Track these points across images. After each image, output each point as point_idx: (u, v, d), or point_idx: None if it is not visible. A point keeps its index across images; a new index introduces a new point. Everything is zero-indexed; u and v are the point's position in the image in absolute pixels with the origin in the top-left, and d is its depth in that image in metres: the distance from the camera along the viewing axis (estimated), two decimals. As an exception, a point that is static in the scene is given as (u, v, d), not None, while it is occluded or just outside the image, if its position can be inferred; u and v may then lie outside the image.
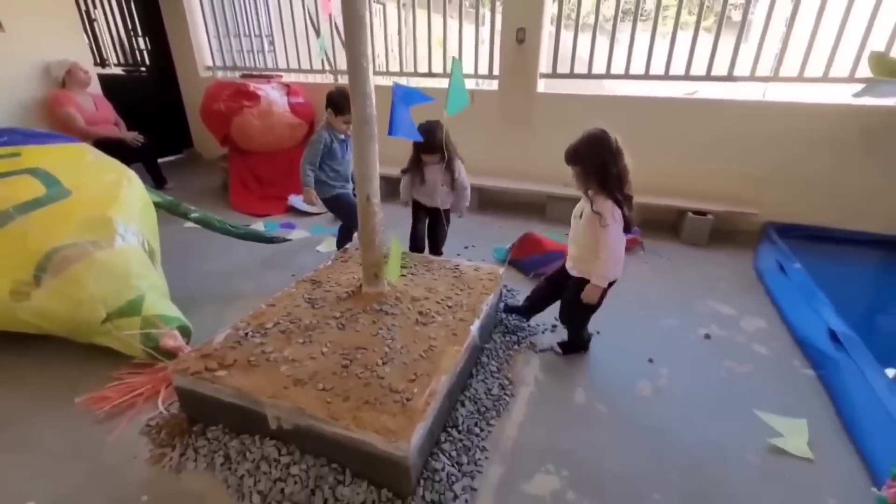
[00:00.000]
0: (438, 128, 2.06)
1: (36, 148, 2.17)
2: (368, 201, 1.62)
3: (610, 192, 1.56)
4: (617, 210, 1.56)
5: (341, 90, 2.21)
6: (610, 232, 1.57)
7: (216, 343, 1.52)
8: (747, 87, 3.59)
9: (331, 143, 2.33)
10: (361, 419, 1.21)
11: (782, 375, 1.81)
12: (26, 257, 1.71)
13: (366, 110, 1.50)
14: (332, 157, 2.38)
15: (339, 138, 2.37)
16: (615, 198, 1.56)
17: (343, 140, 2.40)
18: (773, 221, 3.10)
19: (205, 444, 1.39)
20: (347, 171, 2.46)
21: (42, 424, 1.52)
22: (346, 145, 2.43)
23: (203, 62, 4.92)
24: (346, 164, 2.45)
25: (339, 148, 2.38)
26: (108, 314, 1.72)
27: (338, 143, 2.37)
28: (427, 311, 1.70)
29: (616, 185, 1.55)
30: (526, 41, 3.37)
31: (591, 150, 1.54)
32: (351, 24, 1.40)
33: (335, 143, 2.35)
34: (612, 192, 1.56)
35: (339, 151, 2.39)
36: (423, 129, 2.24)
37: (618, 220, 1.57)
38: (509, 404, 1.63)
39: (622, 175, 1.55)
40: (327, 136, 2.31)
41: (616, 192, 1.56)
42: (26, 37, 3.61)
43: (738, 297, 2.40)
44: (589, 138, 1.55)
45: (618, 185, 1.56)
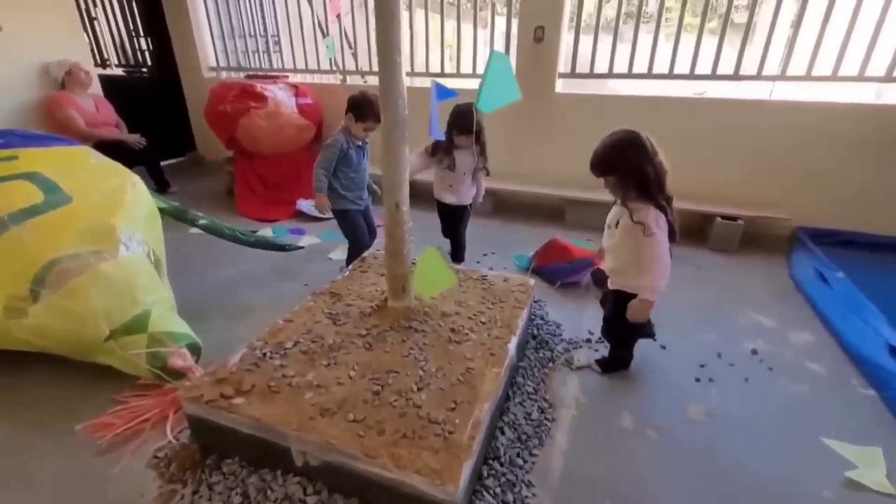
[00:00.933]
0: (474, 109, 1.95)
1: (34, 151, 2.03)
2: (397, 208, 1.49)
3: (653, 198, 1.42)
4: (661, 216, 1.44)
5: (366, 95, 2.08)
6: (656, 241, 1.44)
7: (231, 365, 1.37)
8: (771, 87, 3.47)
9: (347, 149, 2.18)
10: (400, 457, 1.07)
11: (842, 396, 1.68)
12: (22, 270, 1.57)
13: (398, 111, 1.36)
14: (346, 163, 2.21)
15: (356, 144, 2.22)
16: (658, 203, 1.42)
17: (360, 146, 2.25)
18: (805, 226, 2.97)
19: (220, 480, 1.25)
20: (363, 180, 2.31)
21: (40, 455, 1.37)
22: (363, 152, 2.27)
23: (206, 63, 4.79)
24: (363, 171, 2.29)
25: (355, 154, 2.22)
26: (112, 331, 1.58)
27: (354, 149, 2.21)
28: (459, 327, 1.56)
29: (657, 189, 1.42)
30: (545, 40, 3.24)
31: (624, 157, 1.41)
32: (383, 16, 1.27)
33: (351, 149, 2.20)
34: (654, 197, 1.42)
35: (354, 158, 2.22)
36: (461, 110, 2.18)
37: (662, 227, 1.44)
38: (551, 430, 1.49)
39: (661, 176, 1.42)
40: (344, 141, 2.16)
41: (658, 197, 1.42)
42: (24, 36, 3.48)
43: (778, 308, 2.26)
44: (619, 143, 1.42)
45: (659, 189, 1.42)
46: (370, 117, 2.07)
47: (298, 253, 2.71)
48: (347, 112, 2.13)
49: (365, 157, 2.29)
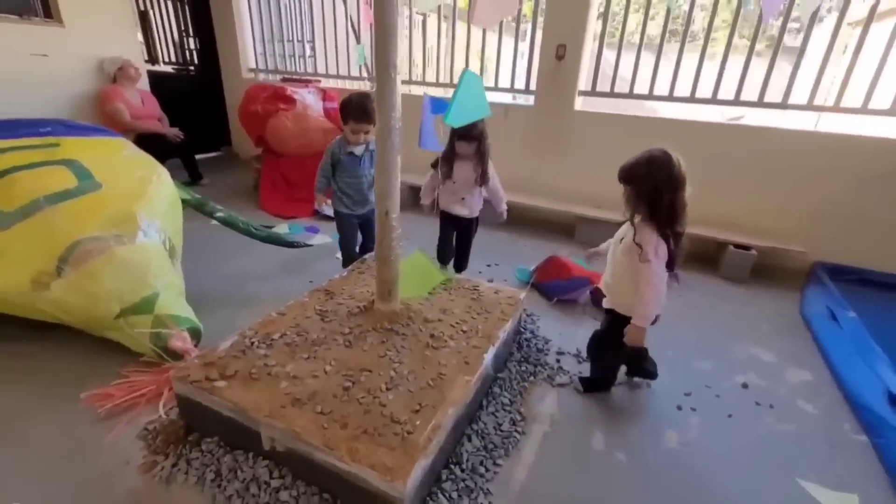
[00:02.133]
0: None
1: (75, 140, 2.23)
2: (387, 216, 1.56)
3: (658, 224, 1.40)
4: (662, 245, 1.41)
5: (353, 95, 2.09)
6: (651, 268, 1.42)
7: (220, 350, 1.47)
8: (798, 116, 3.37)
9: (339, 155, 2.17)
10: (357, 451, 1.13)
11: (830, 440, 1.62)
12: (51, 248, 1.73)
13: (391, 121, 1.44)
14: (341, 169, 2.20)
15: (347, 150, 2.16)
16: (663, 231, 1.40)
17: (352, 153, 2.17)
18: (824, 262, 2.86)
19: (198, 457, 1.34)
20: (359, 187, 2.24)
21: (44, 421, 1.51)
22: (360, 161, 2.20)
23: (247, 64, 5.06)
24: (360, 179, 2.23)
25: (348, 161, 2.18)
26: (122, 310, 1.72)
27: (346, 155, 2.17)
28: (440, 334, 1.61)
29: (666, 218, 1.39)
30: (566, 58, 3.27)
31: (647, 172, 1.38)
32: (382, 33, 1.35)
33: (342, 155, 2.17)
34: (660, 224, 1.40)
35: (348, 165, 2.19)
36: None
37: (661, 256, 1.42)
38: (520, 443, 1.51)
39: (677, 208, 1.39)
40: (336, 146, 2.17)
41: (665, 226, 1.40)
42: (84, 32, 3.80)
43: (780, 343, 2.20)
44: (649, 158, 1.39)
45: (668, 218, 1.39)
46: (350, 117, 2.07)
47: (308, 250, 2.83)
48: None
49: (363, 165, 2.22)
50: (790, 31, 3.89)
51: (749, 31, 3.00)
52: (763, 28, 3.26)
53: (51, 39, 3.65)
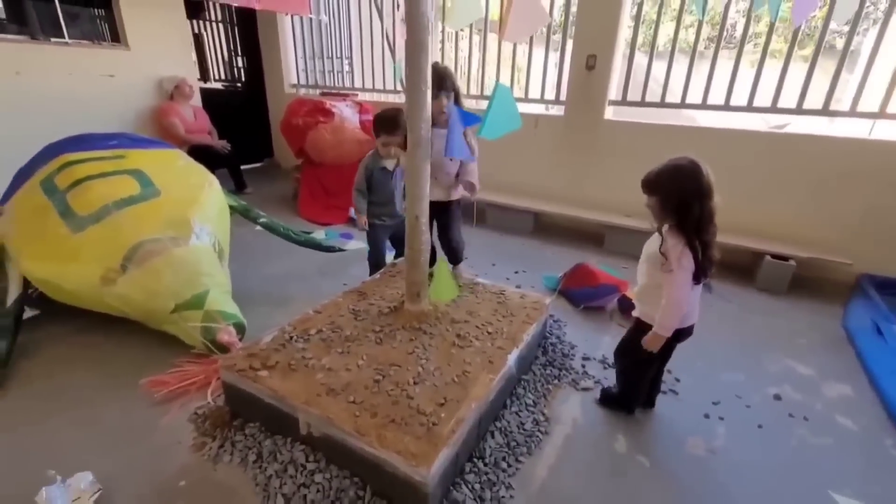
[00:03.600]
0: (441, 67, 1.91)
1: (138, 152, 2.45)
2: (417, 220, 1.65)
3: (686, 234, 1.36)
4: (688, 255, 1.36)
5: (385, 110, 2.12)
6: (674, 279, 1.38)
7: (263, 343, 1.60)
8: (849, 123, 3.25)
9: (371, 169, 2.19)
10: (385, 438, 1.21)
11: (869, 456, 1.56)
12: (118, 248, 1.93)
13: (421, 133, 1.54)
14: (373, 182, 2.21)
15: (380, 166, 2.18)
16: (691, 242, 1.36)
17: (384, 168, 2.19)
18: (871, 274, 2.73)
19: (241, 440, 1.46)
20: (390, 200, 2.26)
21: (109, 402, 1.68)
22: (391, 176, 2.22)
23: (289, 80, 5.36)
24: (390, 193, 2.24)
25: (380, 177, 2.20)
26: (177, 305, 1.89)
27: (378, 171, 2.18)
28: (465, 334, 1.68)
29: (694, 228, 1.35)
30: (596, 68, 3.30)
31: (674, 183, 1.36)
32: (412, 50, 1.45)
33: (375, 171, 2.18)
34: (688, 234, 1.36)
35: (381, 179, 2.20)
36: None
37: (686, 267, 1.37)
38: (542, 442, 1.55)
39: (706, 217, 1.35)
40: (369, 161, 2.19)
41: (693, 236, 1.36)
42: (146, 55, 4.16)
43: (820, 357, 2.12)
44: (675, 169, 1.36)
45: (697, 228, 1.35)
46: (381, 131, 2.10)
47: (342, 255, 2.97)
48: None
49: (395, 179, 2.24)
50: (835, 33, 3.75)
51: (792, 35, 2.93)
52: (806, 32, 3.18)
53: (117, 61, 4.02)
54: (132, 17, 4.03)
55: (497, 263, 3.04)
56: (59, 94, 3.66)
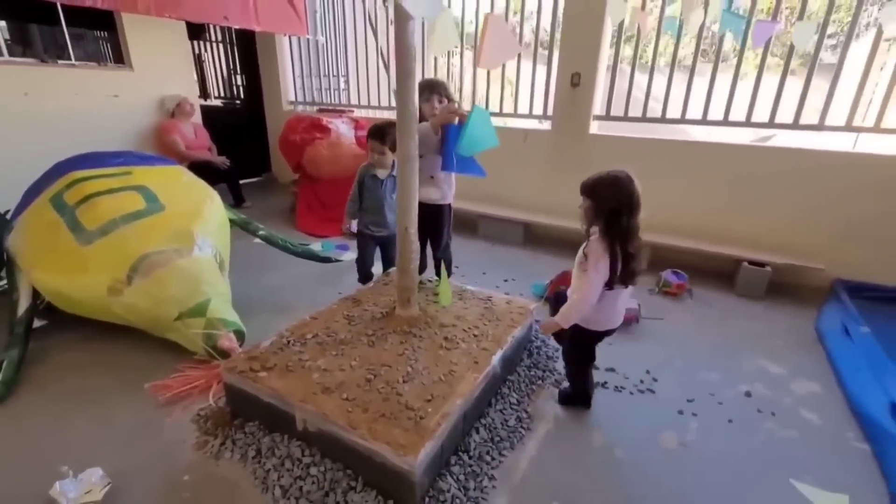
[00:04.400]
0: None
1: (143, 168, 2.58)
2: (406, 231, 1.77)
3: (610, 242, 1.46)
4: (605, 261, 1.46)
5: (378, 122, 2.28)
6: (588, 278, 1.49)
7: (262, 347, 1.71)
8: (826, 136, 3.41)
9: (363, 176, 2.34)
10: (376, 430, 1.31)
11: (831, 447, 1.67)
12: (124, 259, 2.04)
13: (410, 150, 1.67)
14: (366, 191, 2.35)
15: (371, 173, 2.32)
16: (612, 248, 1.46)
17: (375, 176, 2.32)
18: (844, 279, 2.86)
19: (242, 438, 1.56)
20: (378, 209, 2.36)
21: (118, 404, 1.78)
22: (380, 185, 2.33)
23: (287, 97, 5.53)
24: (379, 201, 2.34)
25: (371, 183, 2.33)
26: (180, 313, 1.99)
27: (369, 178, 2.32)
28: (453, 337, 1.79)
29: (620, 237, 1.46)
30: (581, 85, 3.47)
31: (609, 191, 1.45)
32: (401, 76, 1.59)
33: (366, 177, 2.33)
34: (612, 241, 1.46)
35: (371, 187, 2.33)
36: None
37: (600, 270, 1.47)
38: (524, 438, 1.65)
39: (632, 230, 1.46)
40: (363, 169, 2.35)
41: (616, 243, 1.46)
42: (149, 75, 4.33)
43: (791, 357, 2.24)
44: (613, 178, 1.46)
45: (621, 237, 1.46)
46: (368, 137, 2.27)
47: (338, 265, 3.09)
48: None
49: (384, 189, 2.33)
50: (827, 48, 3.94)
51: (780, 51, 3.10)
52: (782, 45, 3.36)
53: (122, 82, 4.18)
54: (135, 38, 4.19)
55: (488, 272, 3.16)
56: (65, 113, 3.80)
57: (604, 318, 1.63)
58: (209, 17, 3.78)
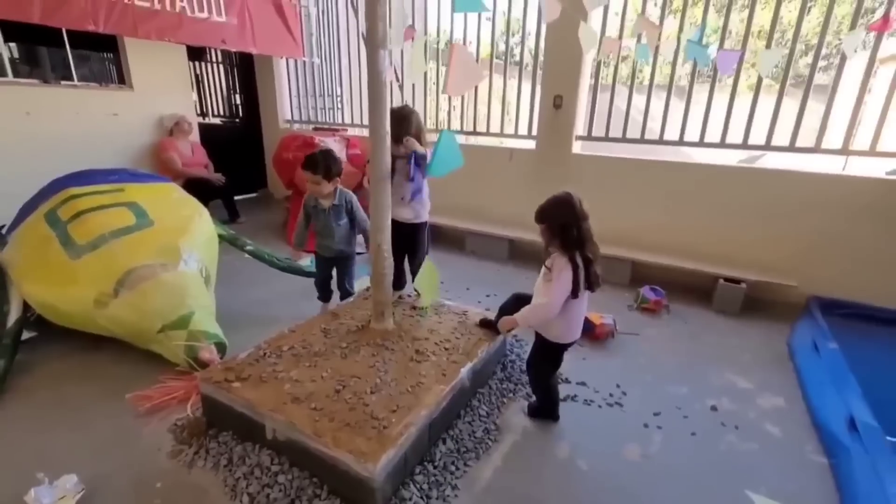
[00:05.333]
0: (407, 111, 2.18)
1: (136, 186, 2.68)
2: (379, 248, 1.85)
3: (570, 253, 1.60)
4: (567, 272, 1.58)
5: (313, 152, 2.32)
6: (550, 286, 1.61)
7: (239, 359, 1.77)
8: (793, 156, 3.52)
9: (309, 206, 2.39)
10: (339, 439, 1.37)
11: (789, 460, 1.71)
12: (112, 273, 2.11)
13: (382, 170, 1.76)
14: (314, 219, 2.41)
15: (313, 203, 2.37)
16: (573, 258, 1.59)
17: (317, 206, 2.35)
18: (819, 296, 2.92)
19: (215, 447, 1.61)
20: (329, 237, 2.41)
21: (99, 413, 1.83)
22: (325, 214, 2.36)
23: (283, 116, 5.68)
24: (330, 228, 2.38)
25: (314, 213, 2.38)
26: (163, 325, 2.06)
27: (312, 208, 2.37)
28: (424, 350, 1.85)
29: (576, 245, 1.60)
30: (563, 107, 3.59)
31: (555, 211, 1.63)
32: (373, 102, 1.70)
33: (310, 206, 2.38)
34: (572, 252, 1.60)
35: (316, 216, 2.39)
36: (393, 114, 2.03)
37: (563, 280, 1.58)
38: (491, 449, 1.69)
39: (584, 235, 1.61)
40: (308, 198, 2.40)
41: (574, 253, 1.59)
42: (149, 94, 4.48)
43: (760, 372, 2.29)
44: (555, 200, 1.64)
45: (577, 245, 1.60)
46: (303, 171, 2.30)
47: (325, 280, 3.16)
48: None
49: (328, 218, 2.38)
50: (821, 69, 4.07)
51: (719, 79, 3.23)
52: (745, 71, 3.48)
53: (122, 101, 4.33)
54: (137, 59, 4.35)
55: (471, 288, 3.23)
56: (66, 132, 3.93)
57: (566, 329, 1.71)
58: (208, 41, 3.94)
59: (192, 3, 3.66)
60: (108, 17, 3.19)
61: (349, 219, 2.44)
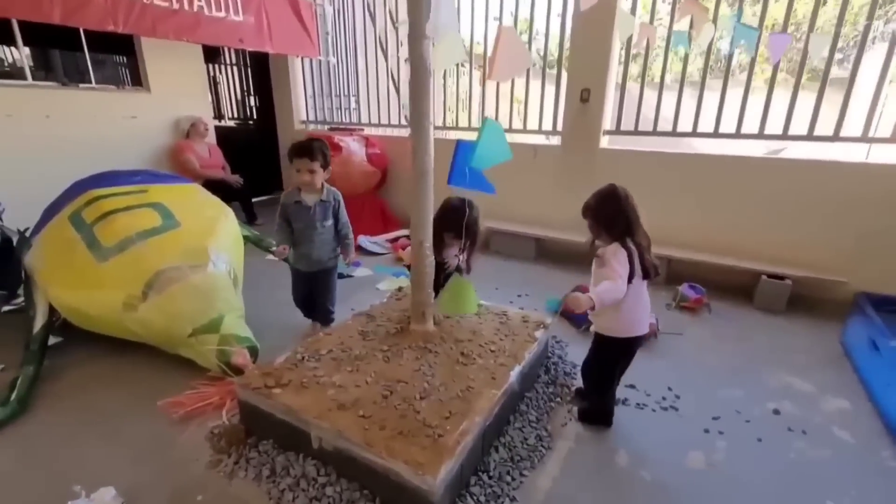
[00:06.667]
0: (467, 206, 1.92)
1: (159, 187, 2.61)
2: (421, 245, 1.76)
3: (617, 237, 1.57)
4: (621, 252, 1.54)
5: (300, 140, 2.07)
6: (611, 268, 1.53)
7: (276, 363, 1.68)
8: (841, 147, 3.38)
9: (285, 205, 2.10)
10: (393, 448, 1.28)
11: (867, 467, 1.59)
12: (140, 275, 2.05)
13: (424, 165, 1.67)
14: (294, 220, 2.12)
15: (294, 199, 2.08)
16: (623, 241, 1.55)
17: (299, 203, 2.07)
18: (868, 292, 2.78)
19: (255, 456, 1.52)
20: (307, 241, 2.14)
21: (131, 420, 1.76)
22: (308, 212, 2.07)
23: (299, 117, 5.62)
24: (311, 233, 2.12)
25: (295, 212, 2.09)
26: (194, 329, 1.98)
27: (292, 206, 2.08)
28: (469, 352, 1.76)
29: (623, 231, 1.56)
30: (590, 101, 3.48)
31: (600, 204, 1.61)
32: (416, 92, 1.61)
33: (289, 206, 2.09)
34: (619, 237, 1.56)
35: (297, 215, 2.10)
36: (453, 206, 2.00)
37: (621, 261, 1.53)
38: (545, 457, 1.59)
39: (630, 223, 1.57)
40: (285, 196, 2.12)
41: (624, 238, 1.56)
42: (166, 97, 4.44)
43: (818, 373, 2.16)
44: (600, 194, 1.62)
45: (626, 231, 1.56)
46: (290, 155, 2.05)
47: (350, 281, 3.08)
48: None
49: (313, 216, 2.09)
50: (837, 62, 3.94)
51: (787, 65, 3.10)
52: (788, 60, 3.36)
53: (139, 104, 4.29)
54: (153, 62, 4.32)
55: (500, 288, 3.13)
56: (84, 135, 3.89)
57: (627, 320, 1.60)
58: (225, 40, 3.89)
59: (210, 2, 3.61)
60: (128, 17, 3.14)
61: (334, 221, 2.20)
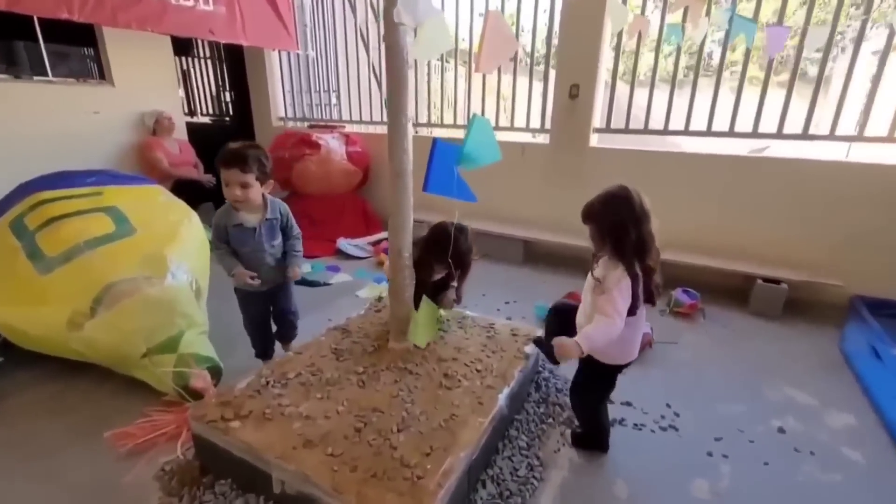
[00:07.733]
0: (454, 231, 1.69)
1: (116, 188, 2.39)
2: (399, 255, 1.59)
3: (625, 260, 1.30)
4: (626, 281, 1.29)
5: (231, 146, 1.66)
6: (612, 298, 1.29)
7: (237, 390, 1.50)
8: (824, 146, 3.31)
9: (224, 227, 1.71)
10: (366, 496, 1.11)
11: (883, 493, 1.48)
12: (87, 289, 1.84)
13: (402, 164, 1.50)
14: (236, 244, 1.74)
15: (234, 223, 1.70)
16: (630, 268, 1.30)
17: (240, 225, 1.70)
18: (863, 295, 2.71)
19: (211, 500, 1.34)
20: (262, 266, 1.78)
21: (70, 457, 1.56)
22: (251, 235, 1.71)
23: (276, 113, 5.38)
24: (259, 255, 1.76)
25: (236, 236, 1.72)
26: (148, 349, 1.78)
27: (233, 227, 1.70)
28: (453, 373, 1.60)
29: (632, 252, 1.30)
30: (579, 97, 3.35)
31: (607, 209, 1.33)
32: (393, 82, 1.44)
33: (228, 228, 1.71)
34: (627, 259, 1.30)
35: (241, 240, 1.73)
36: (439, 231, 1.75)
37: (623, 292, 1.30)
38: (537, 490, 1.44)
39: (644, 242, 1.30)
40: (219, 217, 1.73)
41: (632, 261, 1.30)
42: (131, 91, 4.16)
43: (819, 384, 2.06)
44: (606, 195, 1.34)
45: (635, 253, 1.30)
46: (223, 169, 1.65)
47: (329, 288, 2.89)
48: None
49: (258, 238, 1.75)
50: (815, 61, 3.89)
51: (777, 65, 3.01)
52: (781, 59, 3.28)
53: (102, 98, 4.01)
54: (117, 54, 4.04)
55: (487, 293, 2.98)
56: (42, 132, 3.61)
57: (623, 349, 1.45)
58: (194, 31, 3.63)
59: (177, -10, 3.37)
60: (84, 4, 2.88)
61: (283, 237, 1.86)
